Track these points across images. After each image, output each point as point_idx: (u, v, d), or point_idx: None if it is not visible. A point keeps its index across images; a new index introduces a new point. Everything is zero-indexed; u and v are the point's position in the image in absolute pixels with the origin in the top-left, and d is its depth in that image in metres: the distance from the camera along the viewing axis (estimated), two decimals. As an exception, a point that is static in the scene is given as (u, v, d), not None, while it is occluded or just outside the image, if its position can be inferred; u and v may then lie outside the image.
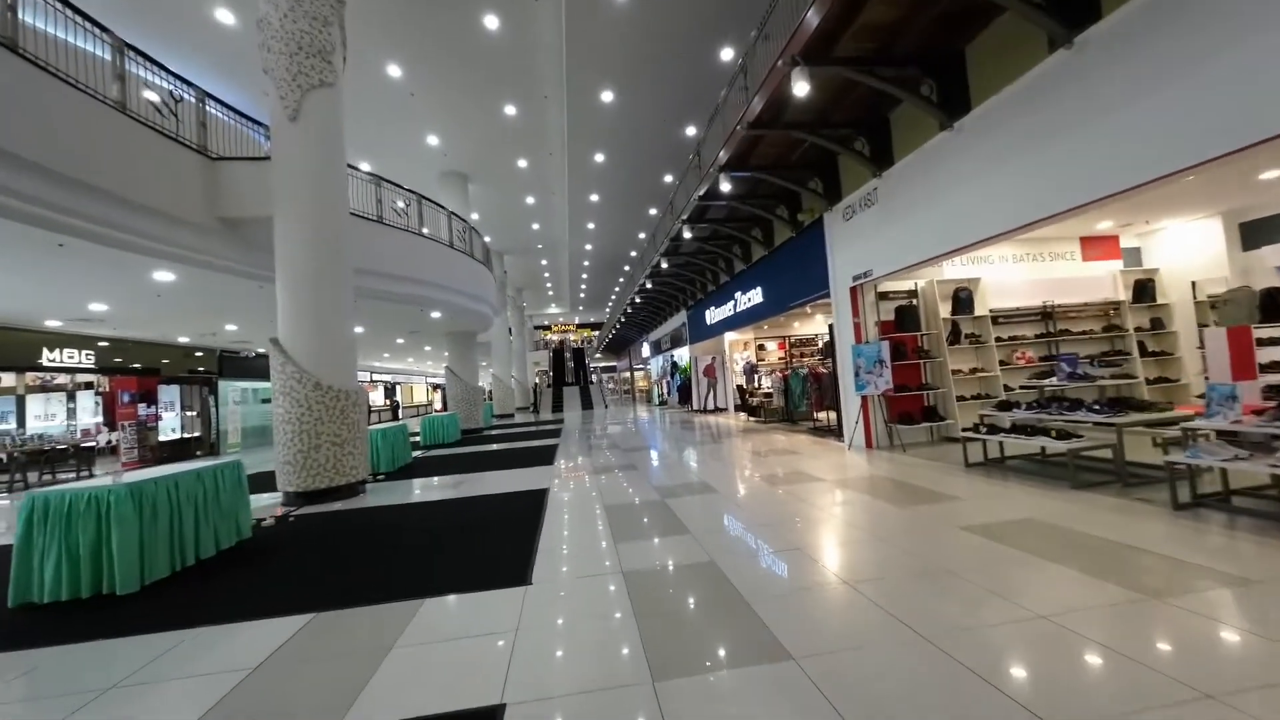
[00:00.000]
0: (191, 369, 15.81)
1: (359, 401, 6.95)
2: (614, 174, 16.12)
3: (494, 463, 9.08)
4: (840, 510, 4.52)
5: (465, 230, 13.19)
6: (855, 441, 7.65)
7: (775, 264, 10.27)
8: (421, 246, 10.95)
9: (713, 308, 14.80)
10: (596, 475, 7.08)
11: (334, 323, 6.83)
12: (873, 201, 6.99)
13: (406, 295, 10.56)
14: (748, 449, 8.52)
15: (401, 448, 9.39)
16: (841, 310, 7.98)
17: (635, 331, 30.30)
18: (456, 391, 15.76)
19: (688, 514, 4.71)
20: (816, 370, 9.93)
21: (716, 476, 6.42)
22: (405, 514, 5.62)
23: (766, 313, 10.97)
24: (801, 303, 9.22)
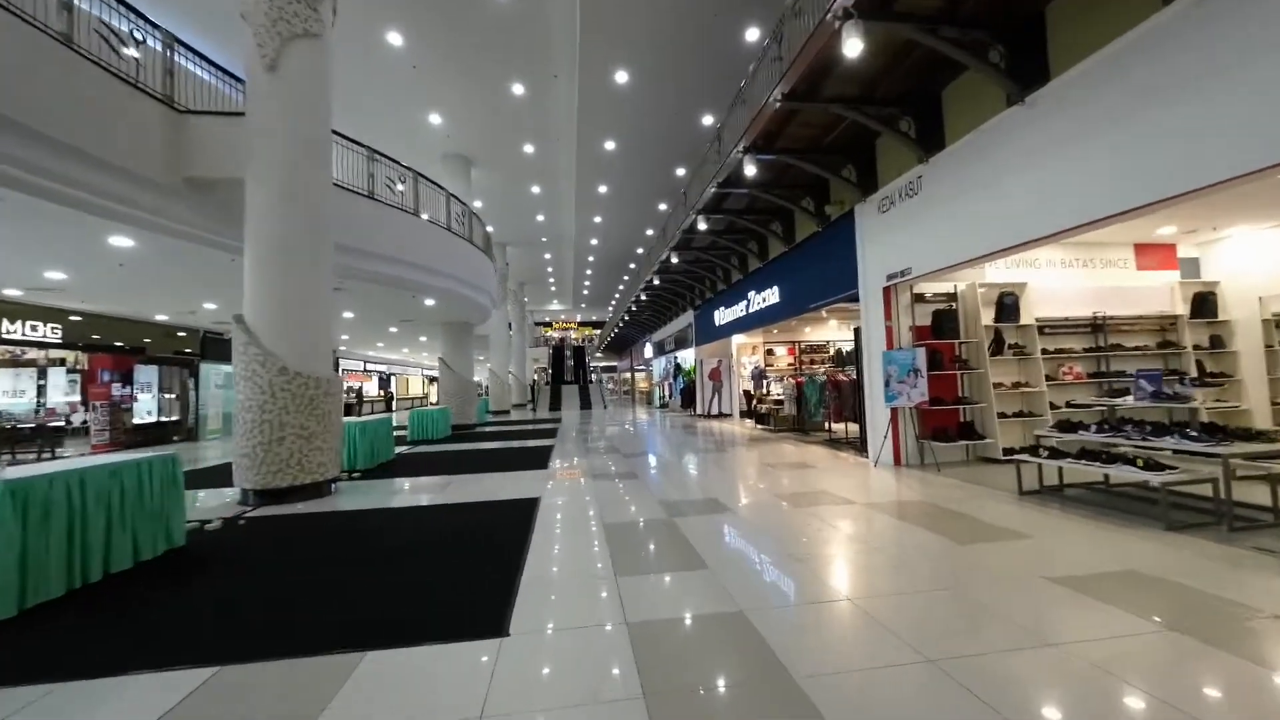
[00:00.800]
0: (178, 350, 15.06)
1: (332, 391, 6.21)
2: (624, 164, 15.40)
3: (483, 464, 8.33)
4: (887, 544, 3.77)
5: (465, 214, 12.46)
6: (882, 458, 6.90)
7: (796, 261, 9.54)
8: (416, 227, 10.21)
9: (722, 308, 14.07)
10: (594, 483, 6.33)
11: (308, 302, 6.09)
12: (915, 191, 6.25)
13: (397, 279, 9.82)
14: (759, 460, 7.78)
15: (382, 443, 8.64)
16: (871, 313, 7.24)
17: (638, 331, 29.57)
18: (449, 385, 15.01)
19: (702, 540, 3.96)
20: (836, 378, 9.20)
21: (729, 492, 5.67)
22: (371, 523, 4.87)
23: (783, 314, 10.23)
24: (825, 303, 8.48)
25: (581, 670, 2.25)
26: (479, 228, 13.33)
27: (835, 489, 5.58)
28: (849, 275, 7.71)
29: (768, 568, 3.39)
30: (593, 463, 8.03)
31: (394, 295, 10.79)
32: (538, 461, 8.24)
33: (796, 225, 9.63)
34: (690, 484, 6.22)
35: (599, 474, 7.01)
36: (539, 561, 3.57)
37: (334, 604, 2.99)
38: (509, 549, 3.85)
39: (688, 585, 3.12)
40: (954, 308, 7.04)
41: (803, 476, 6.35)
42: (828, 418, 9.27)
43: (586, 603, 2.92)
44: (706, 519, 4.59)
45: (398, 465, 8.43)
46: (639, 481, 6.37)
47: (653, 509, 4.98)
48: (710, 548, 3.78)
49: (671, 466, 7.61)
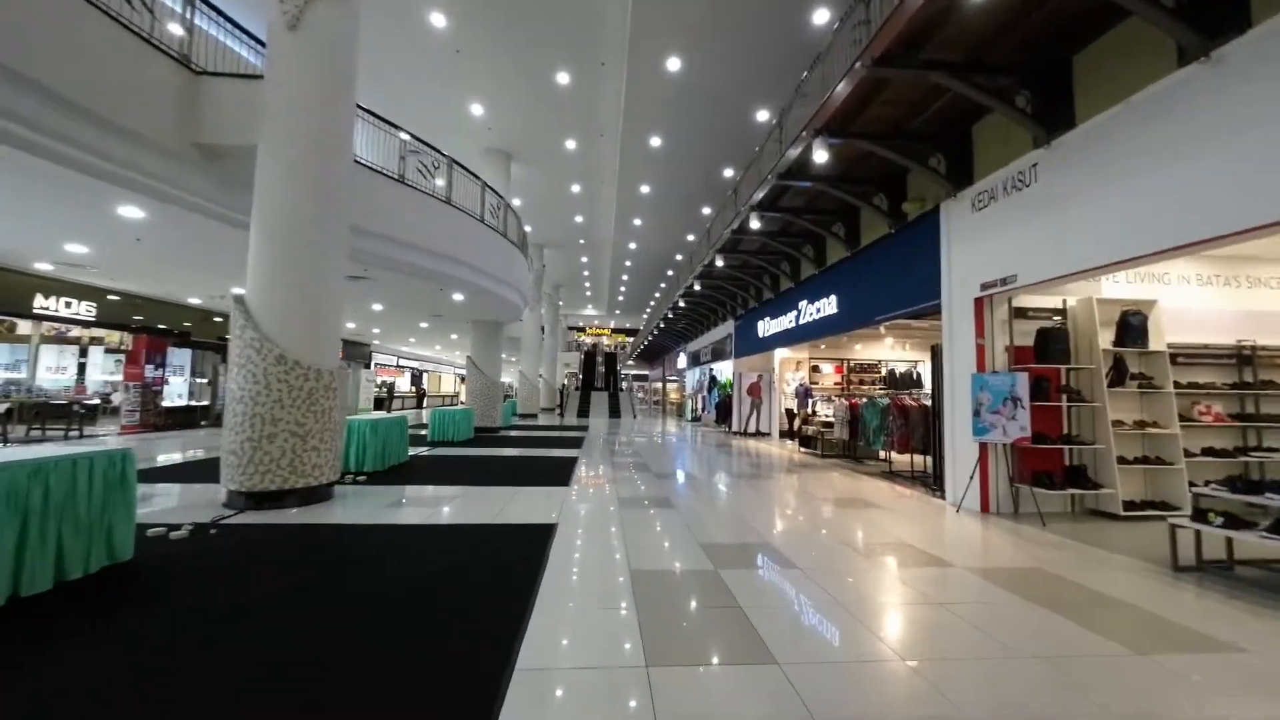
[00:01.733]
0: (220, 335, 15.06)
1: (333, 385, 5.54)
2: (670, 163, 14.62)
3: (500, 474, 7.55)
4: (1026, 643, 2.71)
5: (500, 207, 11.88)
6: (966, 501, 5.74)
7: (860, 268, 8.45)
8: (447, 217, 9.64)
9: (767, 319, 13.01)
10: (621, 511, 5.42)
11: (315, 287, 5.46)
12: (1027, 182, 5.15)
13: (423, 269, 9.24)
14: (813, 492, 6.70)
15: (395, 444, 7.98)
16: (957, 328, 6.12)
17: (673, 340, 28.64)
18: (476, 385, 14.44)
19: (762, 610, 3.00)
20: (903, 402, 8.03)
21: (786, 536, 4.66)
22: (353, 547, 4.10)
23: (840, 327, 9.13)
24: (895, 315, 7.37)
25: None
26: (514, 222, 12.76)
27: (920, 541, 4.50)
28: (928, 284, 6.61)
29: (862, 669, 2.40)
30: (620, 482, 7.13)
31: (422, 287, 10.26)
32: (559, 476, 7.40)
33: (862, 227, 8.55)
34: (735, 519, 5.23)
35: (627, 498, 6.11)
36: (544, 634, 2.68)
37: (257, 679, 2.17)
38: (508, 608, 2.98)
39: (750, 691, 2.17)
40: (1063, 326, 5.85)
41: (872, 520, 5.27)
42: (890, 446, 8.11)
43: (608, 716, 2.01)
44: (763, 576, 3.61)
45: (410, 469, 7.75)
46: (674, 512, 5.43)
47: (692, 553, 4.03)
48: (775, 626, 2.81)
49: (710, 493, 6.63)
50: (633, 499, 6.02)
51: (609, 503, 5.79)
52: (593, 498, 6.07)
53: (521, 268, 13.43)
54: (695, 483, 7.29)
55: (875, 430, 8.51)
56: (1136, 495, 5.63)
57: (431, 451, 9.99)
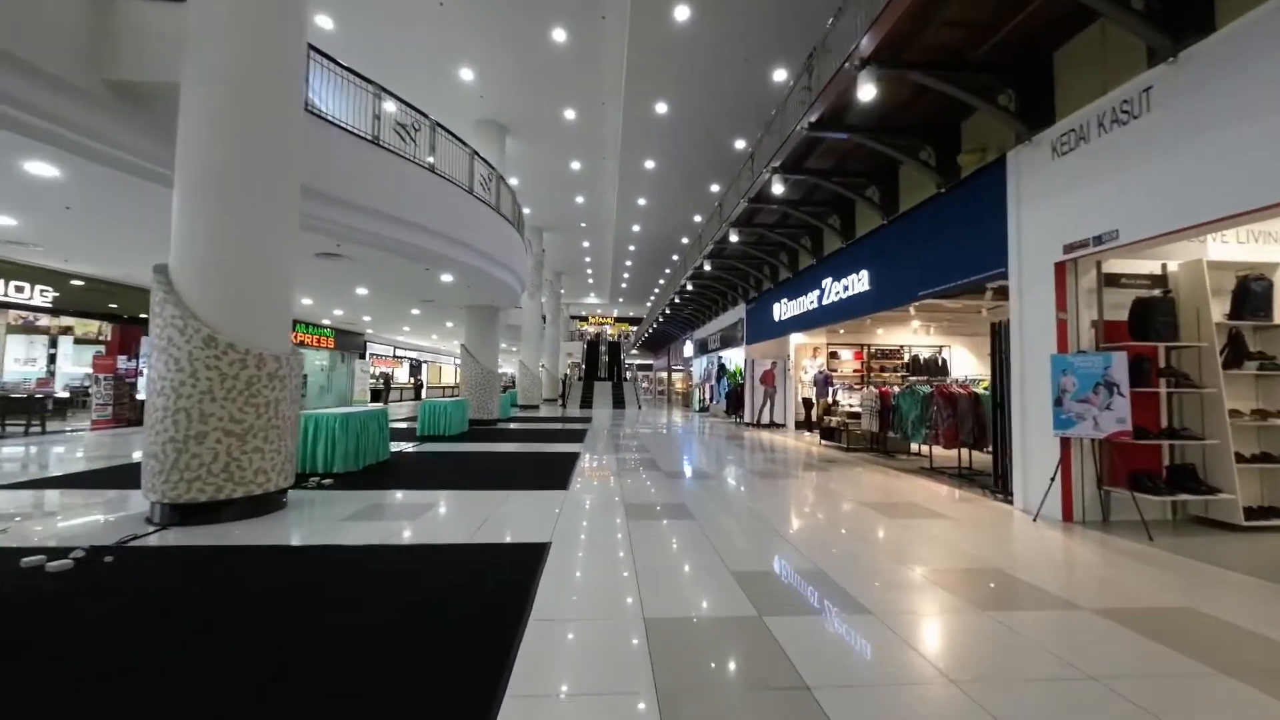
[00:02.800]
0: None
1: (283, 373, 4.59)
2: (676, 133, 13.51)
3: (491, 475, 6.62)
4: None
5: (492, 178, 10.84)
6: (1045, 508, 4.76)
7: (899, 236, 7.40)
8: (430, 186, 8.62)
9: (785, 300, 11.97)
10: (629, 524, 4.47)
11: (254, 254, 4.49)
12: (1135, 112, 4.11)
13: (405, 245, 8.25)
14: (853, 496, 5.74)
15: (373, 441, 7.06)
16: (1031, 300, 5.10)
17: (678, 328, 27.62)
18: (471, 374, 13.52)
19: (840, 696, 2.04)
20: (949, 390, 7.03)
21: (837, 558, 3.70)
22: (289, 578, 3.16)
23: (874, 306, 8.11)
24: (947, 288, 6.34)
25: None
26: (509, 197, 11.72)
27: (1012, 565, 3.53)
28: (988, 250, 5.58)
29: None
30: (627, 485, 6.18)
31: (406, 267, 9.28)
32: (557, 477, 6.46)
33: (901, 190, 7.50)
34: (769, 533, 4.27)
35: (636, 505, 5.15)
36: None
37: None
38: (482, 667, 2.03)
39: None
40: (1167, 295, 4.81)
41: (940, 534, 4.30)
42: (933, 441, 7.12)
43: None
44: (826, 627, 2.65)
45: (389, 470, 6.83)
46: (693, 525, 4.47)
47: (725, 588, 3.07)
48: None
49: (732, 497, 5.67)
50: (642, 507, 5.07)
51: (614, 512, 4.84)
52: (595, 505, 5.12)
53: (518, 248, 12.43)
54: (712, 484, 6.34)
55: (914, 422, 7.51)
56: (1253, 500, 4.64)
57: (419, 448, 9.08)
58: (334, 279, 10.35)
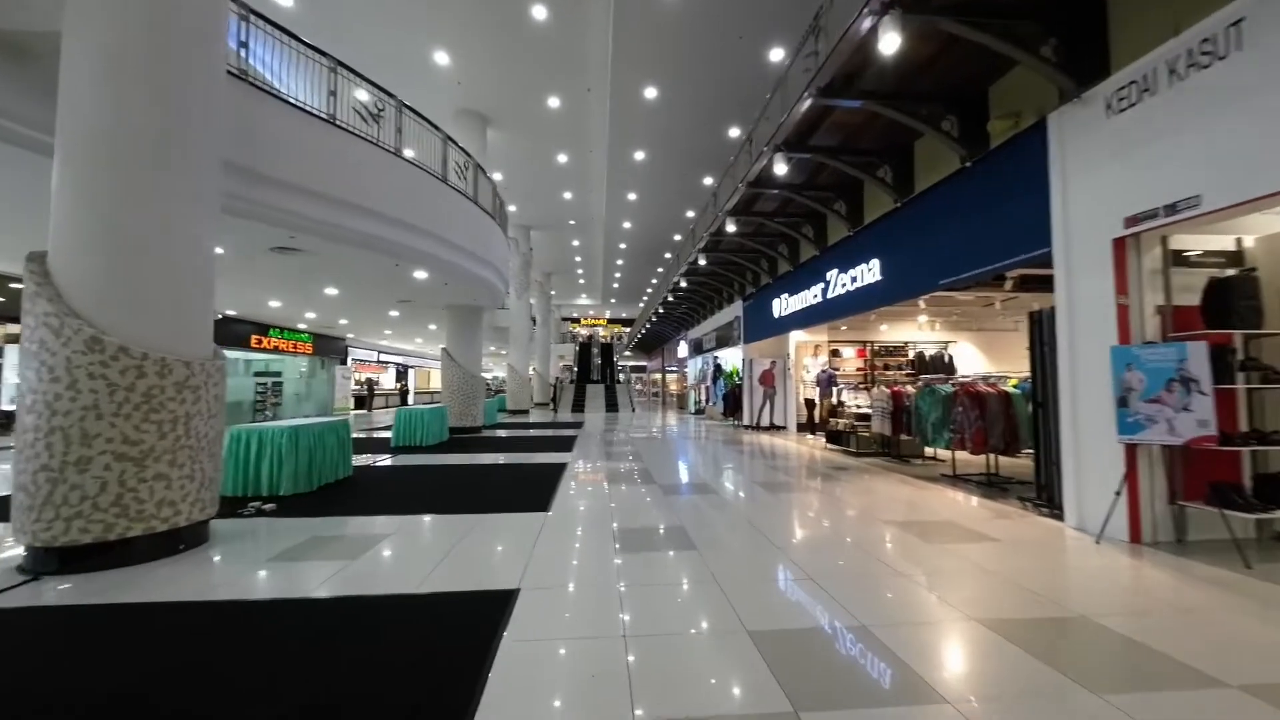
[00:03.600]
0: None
1: (196, 383, 3.78)
2: (668, 120, 12.78)
3: (462, 493, 5.83)
4: None
5: (468, 166, 10.05)
6: (1109, 528, 4.04)
7: (914, 220, 6.70)
8: (396, 172, 7.82)
9: (785, 296, 11.26)
10: (620, 558, 3.69)
11: (158, 236, 3.69)
12: (1221, 52, 3.41)
13: (371, 238, 7.44)
14: (877, 513, 5.00)
15: (330, 456, 6.25)
16: (1082, 283, 4.40)
17: (672, 328, 26.89)
18: (452, 379, 12.68)
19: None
20: (976, 389, 6.31)
21: (879, 606, 2.94)
22: (161, 657, 2.35)
23: (885, 297, 7.39)
24: (973, 274, 5.63)
25: None
26: (488, 188, 10.92)
27: (1101, 614, 2.78)
28: (1025, 228, 4.88)
29: None
30: (617, 504, 5.41)
31: (372, 262, 8.46)
32: (538, 495, 5.67)
33: (917, 168, 6.79)
34: (792, 573, 3.52)
35: (627, 533, 4.38)
36: None
37: None
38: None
39: None
40: (1250, 274, 4.11)
41: (995, 566, 3.57)
42: (956, 445, 6.41)
43: None
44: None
45: (349, 489, 6.01)
46: (697, 559, 3.70)
47: (745, 664, 2.31)
48: None
49: (739, 517, 4.91)
50: (635, 534, 4.30)
51: (601, 542, 4.07)
52: (579, 533, 4.35)
53: (499, 243, 11.63)
54: (714, 500, 5.58)
55: (934, 425, 6.80)
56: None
57: (390, 461, 8.25)
58: (296, 277, 9.51)
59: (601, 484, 6.39)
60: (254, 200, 6.01)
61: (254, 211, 6.11)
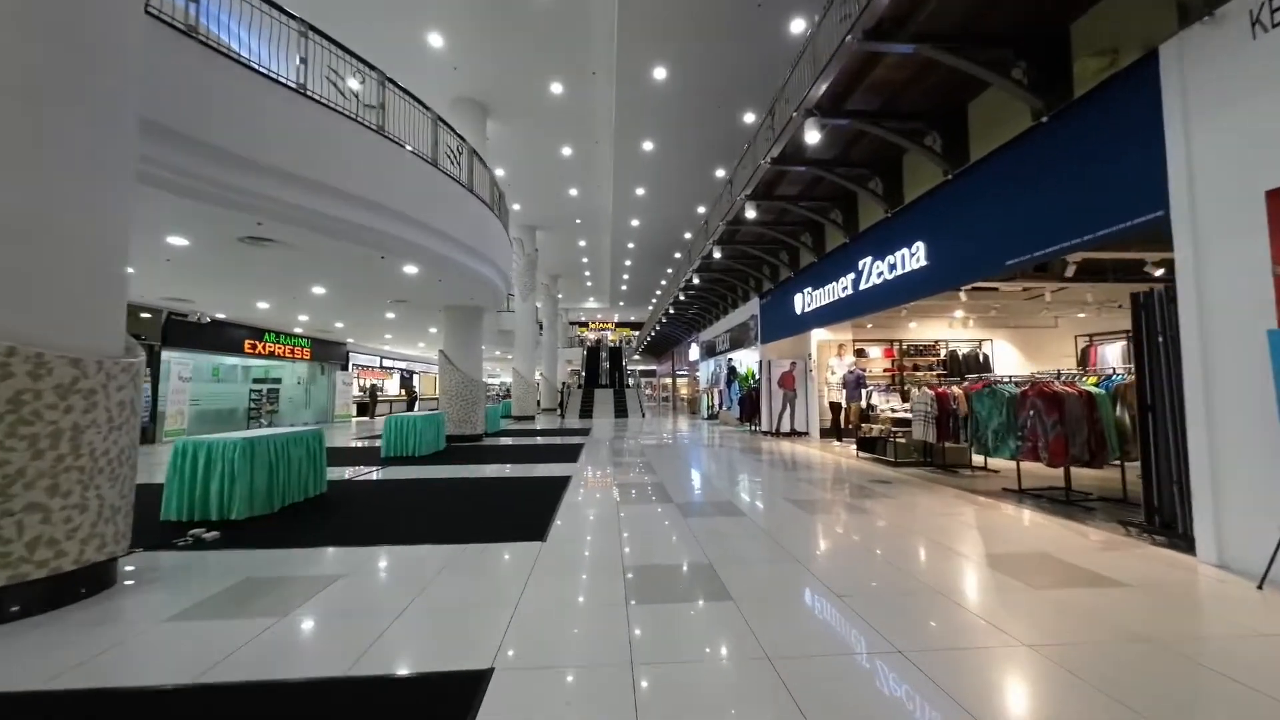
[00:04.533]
0: (134, 333, 12.55)
1: (93, 385, 2.96)
2: (679, 106, 11.95)
3: (446, 517, 4.96)
4: None
5: (462, 151, 9.26)
6: (1275, 570, 3.07)
7: (971, 191, 5.76)
8: (379, 153, 7.04)
9: (808, 290, 10.33)
10: (631, 615, 2.79)
11: (34, 199, 2.88)
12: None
13: (351, 227, 6.65)
14: (951, 544, 4.05)
15: (299, 472, 5.43)
16: (1218, 249, 3.45)
17: (682, 330, 25.99)
18: (450, 383, 11.89)
19: None
20: (1049, 389, 5.34)
21: (998, 701, 2.03)
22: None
23: (933, 285, 6.45)
24: (1053, 251, 4.68)
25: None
26: (484, 175, 10.13)
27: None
28: (1133, 187, 3.95)
29: None
30: (630, 532, 4.51)
31: (355, 255, 7.68)
32: (533, 519, 4.80)
33: (972, 133, 5.87)
34: (864, 637, 2.59)
35: (641, 573, 3.48)
36: None
37: None
38: None
39: None
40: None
41: (1150, 628, 2.62)
42: (1028, 454, 5.43)
43: None
44: None
45: (316, 511, 5.18)
46: (735, 617, 2.79)
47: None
48: None
49: (782, 552, 3.99)
50: (651, 576, 3.40)
51: (608, 588, 3.17)
52: (580, 574, 3.46)
53: (498, 237, 10.83)
54: (746, 526, 4.66)
55: (997, 432, 5.83)
56: None
57: (375, 474, 7.43)
58: (277, 274, 8.76)
59: (609, 503, 5.49)
60: (210, 179, 5.25)
61: (211, 193, 5.35)
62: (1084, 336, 11.64)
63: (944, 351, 12.63)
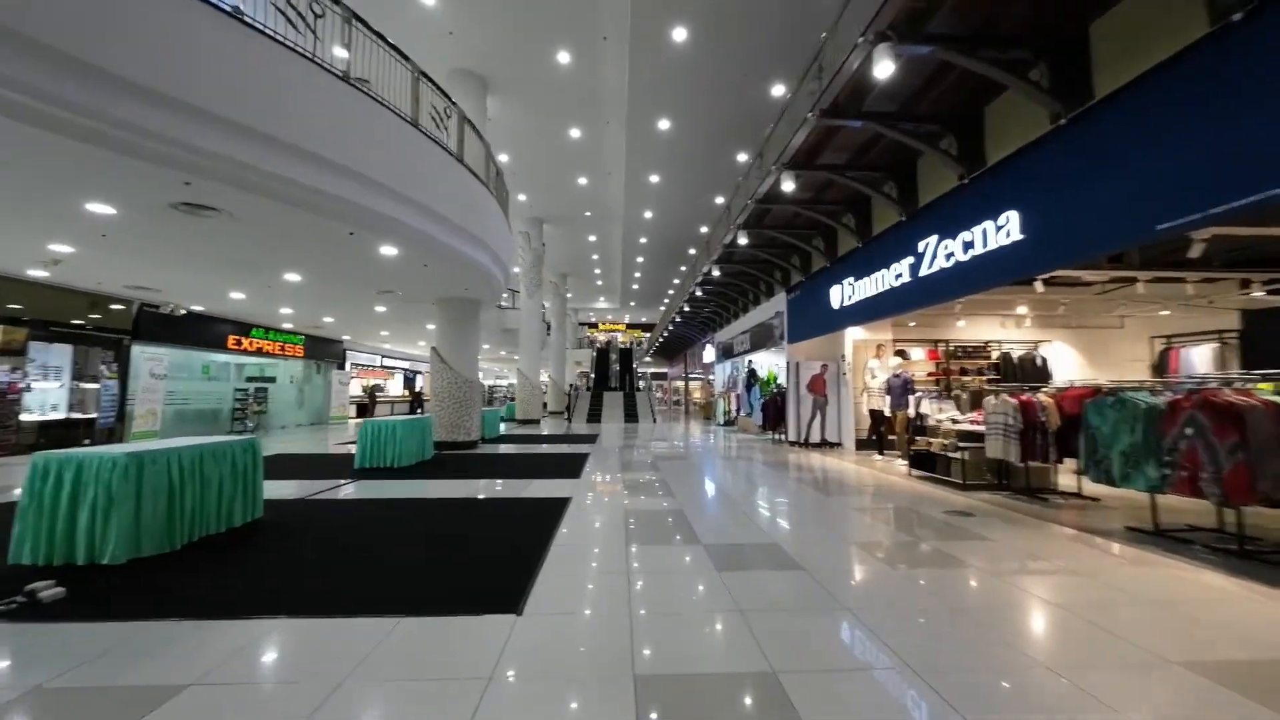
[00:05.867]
0: (101, 326, 11.54)
1: None
2: (700, 75, 10.66)
3: (394, 564, 3.68)
4: None
5: (451, 115, 8.04)
6: None
7: (1105, 135, 4.37)
8: (342, 102, 5.83)
9: (850, 279, 8.95)
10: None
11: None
12: None
13: (305, 191, 5.43)
14: (1138, 641, 2.69)
15: (218, 495, 4.21)
16: None
17: (696, 331, 24.65)
18: (442, 384, 10.69)
19: None
20: (1222, 400, 3.91)
21: None
22: None
23: (1033, 263, 5.05)
24: (1259, 200, 3.30)
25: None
26: (476, 145, 8.90)
27: None
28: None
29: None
30: (644, 599, 3.21)
31: (317, 229, 6.48)
32: (510, 578, 3.50)
33: (1098, 60, 4.49)
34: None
35: (667, 696, 2.16)
36: None
37: None
38: None
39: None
40: None
41: None
42: (1182, 487, 4.02)
43: None
44: None
45: (233, 549, 3.93)
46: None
47: None
48: None
49: (887, 653, 2.65)
50: (679, 695, 2.08)
51: (617, 704, 1.87)
52: (568, 703, 2.15)
53: (494, 217, 9.61)
54: (810, 593, 3.32)
55: (1127, 454, 4.41)
56: None
57: (341, 491, 6.20)
58: (232, 253, 7.58)
59: (616, 543, 4.18)
60: (121, 121, 4.08)
61: (124, 140, 4.19)
62: (1160, 338, 10.14)
63: (995, 354, 11.22)
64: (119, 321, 11.60)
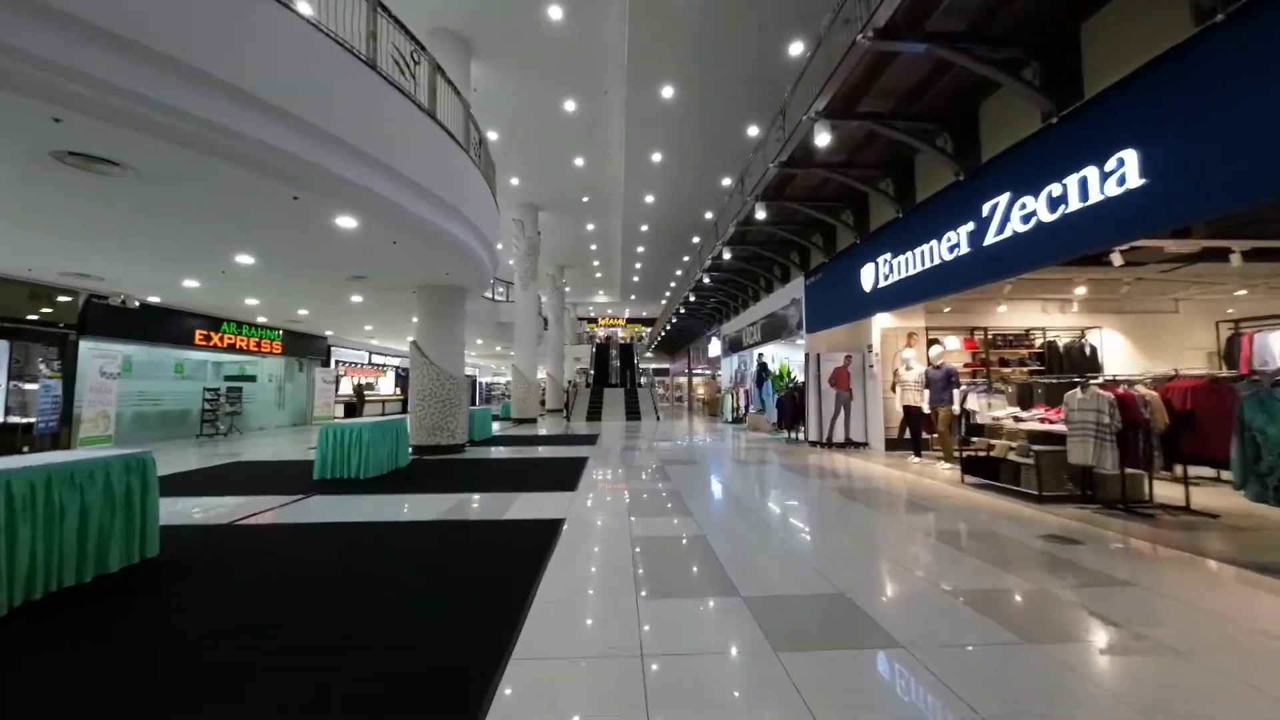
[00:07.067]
0: (43, 320, 10.36)
1: None
2: (708, 33, 9.47)
3: (313, 638, 2.51)
4: None
5: (420, 62, 6.83)
6: None
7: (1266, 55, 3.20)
8: (276, 25, 4.64)
9: (886, 255, 7.78)
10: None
11: None
12: None
13: (225, 135, 4.26)
14: None
15: (78, 533, 3.05)
16: None
17: (701, 323, 23.48)
18: (423, 382, 9.53)
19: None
20: None
21: None
22: None
23: (1163, 215, 3.90)
24: None
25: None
26: (452, 101, 7.68)
27: None
28: None
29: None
30: (659, 669, 2.03)
31: (259, 196, 5.30)
32: (476, 644, 2.34)
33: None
34: None
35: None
36: None
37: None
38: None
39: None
40: None
41: None
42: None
43: None
44: None
45: (99, 603, 2.78)
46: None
47: None
48: None
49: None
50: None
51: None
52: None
53: (479, 192, 8.43)
54: (918, 687, 2.18)
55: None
56: None
57: (281, 513, 5.05)
58: (157, 228, 6.40)
59: (623, 597, 3.03)
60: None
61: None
62: (1227, 323, 9.00)
63: (1039, 341, 10.14)
64: (65, 315, 10.44)
